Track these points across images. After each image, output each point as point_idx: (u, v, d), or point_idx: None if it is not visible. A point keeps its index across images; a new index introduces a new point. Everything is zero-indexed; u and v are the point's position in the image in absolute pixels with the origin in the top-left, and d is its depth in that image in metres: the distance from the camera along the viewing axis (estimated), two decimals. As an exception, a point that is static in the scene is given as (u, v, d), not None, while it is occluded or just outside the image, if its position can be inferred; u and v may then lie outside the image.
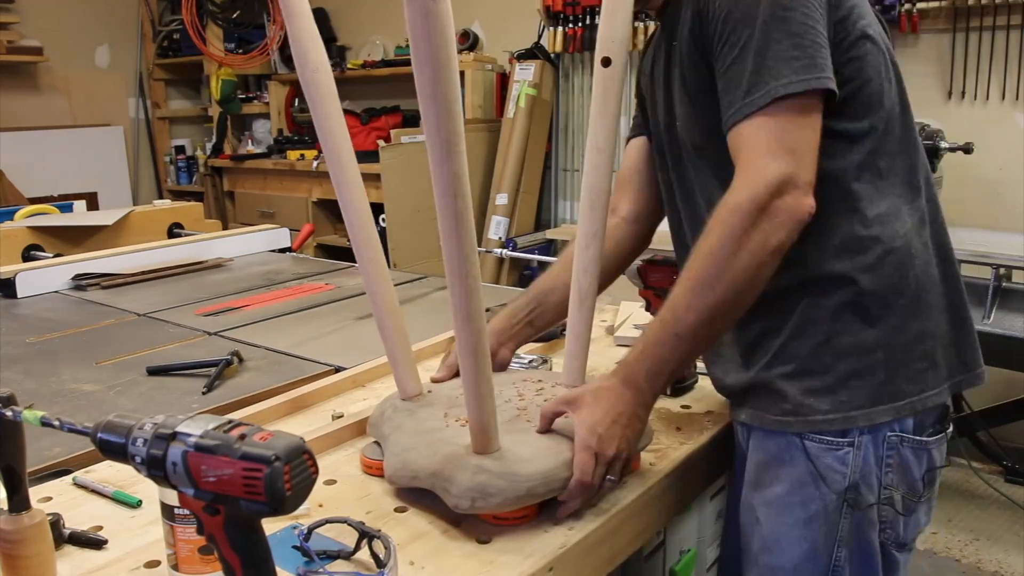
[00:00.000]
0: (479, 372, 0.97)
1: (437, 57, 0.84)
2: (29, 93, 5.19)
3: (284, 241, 2.90)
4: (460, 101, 0.88)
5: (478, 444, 1.01)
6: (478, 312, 0.95)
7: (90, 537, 0.98)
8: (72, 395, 1.48)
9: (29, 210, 2.94)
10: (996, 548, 2.79)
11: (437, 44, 0.84)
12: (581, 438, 1.01)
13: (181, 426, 0.69)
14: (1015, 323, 2.63)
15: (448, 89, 0.86)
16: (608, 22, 1.14)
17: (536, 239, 4.38)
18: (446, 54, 0.85)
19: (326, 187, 4.66)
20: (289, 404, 1.37)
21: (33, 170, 5.05)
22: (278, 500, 0.65)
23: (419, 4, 0.83)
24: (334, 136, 1.12)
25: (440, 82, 0.85)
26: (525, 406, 1.16)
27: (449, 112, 0.87)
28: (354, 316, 1.98)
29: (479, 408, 0.99)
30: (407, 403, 1.20)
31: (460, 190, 0.90)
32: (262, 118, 5.56)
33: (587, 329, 1.23)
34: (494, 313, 1.79)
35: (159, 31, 5.80)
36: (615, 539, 1.07)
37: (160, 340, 1.81)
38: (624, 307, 1.88)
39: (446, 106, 0.86)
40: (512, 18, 4.52)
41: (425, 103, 0.87)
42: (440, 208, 0.91)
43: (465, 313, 0.95)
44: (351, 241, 1.17)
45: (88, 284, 2.31)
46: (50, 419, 0.77)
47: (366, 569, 0.92)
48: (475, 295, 0.94)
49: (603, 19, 1.14)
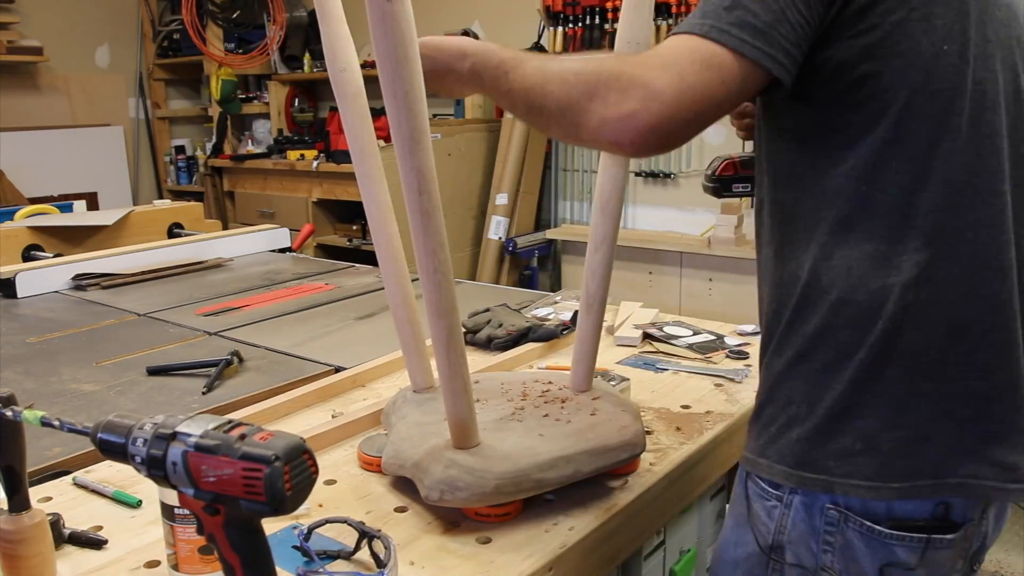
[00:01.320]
0: (453, 367, 0.98)
1: (395, 56, 0.86)
2: (29, 93, 5.19)
3: (284, 241, 2.90)
4: (423, 99, 0.89)
5: (456, 438, 1.02)
6: (450, 307, 0.96)
7: (90, 537, 0.98)
8: (72, 395, 1.48)
9: (29, 210, 2.94)
10: (996, 548, 2.78)
11: (395, 43, 0.86)
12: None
13: (181, 426, 0.69)
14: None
15: (409, 87, 0.88)
16: (627, 22, 1.10)
17: (536, 239, 4.38)
18: (404, 53, 0.87)
19: (326, 187, 4.66)
20: (289, 404, 1.37)
21: (33, 170, 5.04)
22: (278, 500, 0.65)
23: (376, 5, 0.85)
24: (360, 132, 1.16)
25: (400, 80, 0.87)
26: (523, 406, 1.17)
27: (411, 110, 0.88)
28: (354, 316, 1.98)
29: (454, 403, 1.00)
30: (417, 395, 1.22)
31: (426, 186, 0.91)
32: (262, 118, 5.56)
33: (595, 333, 1.23)
34: (494, 312, 1.79)
35: (159, 31, 5.80)
36: (615, 539, 1.07)
37: (160, 340, 1.81)
38: (624, 307, 1.88)
39: (408, 104, 0.88)
40: (512, 18, 4.52)
41: (388, 101, 0.89)
42: (408, 204, 0.92)
43: (436, 308, 0.96)
44: (371, 233, 1.19)
45: (88, 284, 2.31)
46: (50, 419, 0.77)
47: (366, 569, 0.92)
48: (446, 290, 0.95)
49: (622, 20, 1.10)
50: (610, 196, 1.17)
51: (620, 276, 4.06)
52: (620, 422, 1.13)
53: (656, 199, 4.22)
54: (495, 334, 1.69)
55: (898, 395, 0.88)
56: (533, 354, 1.64)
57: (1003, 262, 0.89)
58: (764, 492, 0.96)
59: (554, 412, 1.15)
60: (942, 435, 0.88)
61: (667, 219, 4.18)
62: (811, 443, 0.92)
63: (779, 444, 0.94)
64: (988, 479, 0.89)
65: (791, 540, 0.95)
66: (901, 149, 0.87)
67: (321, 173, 4.57)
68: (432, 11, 4.78)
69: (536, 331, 1.69)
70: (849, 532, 0.91)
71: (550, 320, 1.78)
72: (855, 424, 0.89)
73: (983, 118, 0.87)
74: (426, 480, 1.00)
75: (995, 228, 0.88)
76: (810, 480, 0.91)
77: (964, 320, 0.88)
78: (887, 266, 0.87)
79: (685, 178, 4.10)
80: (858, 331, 0.89)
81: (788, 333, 0.95)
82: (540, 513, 1.04)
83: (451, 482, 0.98)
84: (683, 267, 3.89)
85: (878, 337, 0.88)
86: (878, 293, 0.88)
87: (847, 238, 0.89)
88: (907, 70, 0.85)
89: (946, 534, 0.90)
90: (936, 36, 0.84)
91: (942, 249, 0.87)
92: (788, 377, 0.94)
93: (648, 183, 4.22)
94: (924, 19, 0.84)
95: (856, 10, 0.84)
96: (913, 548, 0.90)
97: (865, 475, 0.89)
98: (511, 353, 1.61)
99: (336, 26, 1.13)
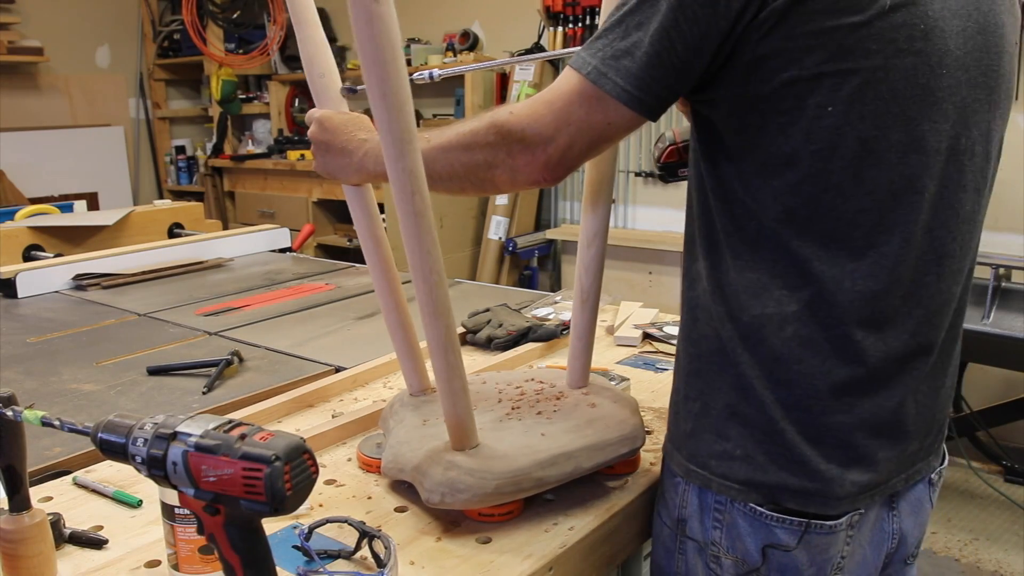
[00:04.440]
0: (450, 368, 0.98)
1: (383, 59, 0.86)
2: (30, 93, 5.19)
3: (284, 241, 2.90)
4: (410, 99, 0.89)
5: (454, 440, 1.02)
6: (445, 308, 0.96)
7: (90, 537, 0.98)
8: (72, 395, 1.48)
9: (30, 210, 2.95)
10: (996, 548, 2.79)
11: (382, 46, 0.86)
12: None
13: (181, 426, 0.69)
14: (1015, 323, 2.64)
15: (396, 89, 0.88)
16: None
17: (536, 239, 4.39)
18: (391, 55, 0.87)
19: (326, 187, 4.66)
20: (289, 404, 1.37)
21: (34, 170, 5.05)
22: (278, 500, 0.65)
23: (362, 8, 0.85)
24: None
25: (388, 82, 0.87)
26: (519, 405, 1.17)
27: (400, 111, 0.88)
28: (354, 316, 1.98)
29: (452, 404, 0.99)
30: (415, 398, 1.22)
31: (417, 187, 0.91)
32: (262, 118, 5.57)
33: (591, 329, 1.23)
34: (494, 312, 1.80)
35: (159, 31, 5.80)
36: (615, 539, 1.07)
37: (160, 340, 1.81)
38: (624, 307, 1.88)
39: (396, 105, 0.88)
40: (512, 18, 4.52)
41: (375, 103, 0.89)
42: (398, 206, 0.92)
43: (431, 309, 0.95)
44: (359, 239, 1.19)
45: (88, 284, 2.31)
46: (51, 419, 0.77)
47: (366, 569, 0.92)
48: (440, 290, 0.95)
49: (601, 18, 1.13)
50: (598, 191, 1.17)
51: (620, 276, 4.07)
52: (619, 417, 1.13)
53: (656, 199, 4.22)
54: (495, 334, 1.69)
55: (773, 418, 0.93)
56: (533, 354, 1.64)
57: (879, 309, 0.90)
58: (671, 470, 1.04)
59: (551, 409, 1.15)
60: (811, 462, 0.92)
61: (667, 219, 4.19)
62: (699, 439, 0.99)
63: (676, 433, 1.03)
64: (847, 498, 0.94)
65: (689, 515, 1.02)
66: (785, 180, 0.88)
67: (321, 173, 4.56)
68: (432, 11, 4.78)
69: (536, 331, 1.70)
70: (735, 512, 0.97)
71: (550, 320, 1.78)
72: (738, 432, 0.95)
73: (865, 175, 0.87)
74: (426, 483, 1.00)
75: (872, 277, 0.89)
76: (694, 473, 0.99)
77: (837, 361, 0.90)
78: (768, 297, 0.91)
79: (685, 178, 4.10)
80: (741, 348, 0.93)
81: (692, 329, 1.00)
82: (540, 513, 1.04)
83: (451, 484, 0.98)
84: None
85: (758, 359, 0.92)
86: (758, 319, 0.92)
87: (738, 263, 0.93)
88: (790, 126, 0.85)
89: (827, 520, 0.94)
90: (821, 97, 0.84)
91: (821, 292, 0.89)
92: (690, 372, 1.01)
93: (648, 183, 4.22)
94: (812, 79, 0.83)
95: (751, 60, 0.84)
96: (792, 531, 0.95)
97: (739, 479, 0.96)
98: (511, 353, 1.62)
99: (312, 31, 1.13)
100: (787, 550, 0.95)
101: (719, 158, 0.92)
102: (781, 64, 0.83)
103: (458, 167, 0.97)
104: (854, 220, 0.88)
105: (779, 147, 0.87)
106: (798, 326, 0.90)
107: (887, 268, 0.89)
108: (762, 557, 0.96)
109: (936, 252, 0.93)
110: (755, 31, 0.83)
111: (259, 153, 5.33)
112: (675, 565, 1.05)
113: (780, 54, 0.83)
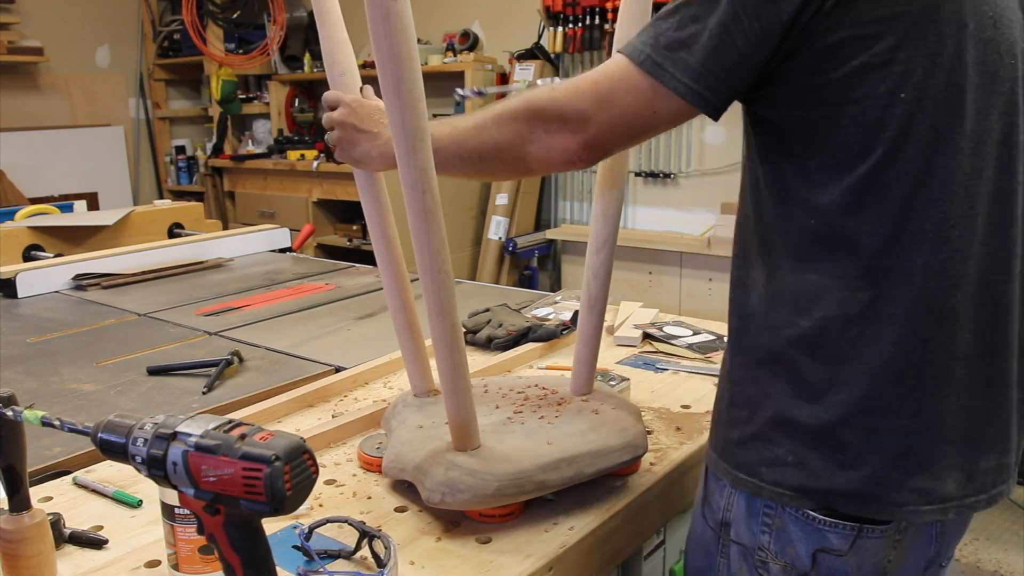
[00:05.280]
0: (455, 368, 0.98)
1: (400, 55, 0.87)
2: (29, 93, 5.19)
3: (284, 241, 2.90)
4: (423, 98, 0.89)
5: (457, 441, 1.02)
6: (451, 306, 0.96)
7: (90, 537, 0.98)
8: (72, 395, 1.48)
9: (30, 210, 2.95)
10: (996, 548, 2.79)
11: (399, 42, 0.86)
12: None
13: (181, 426, 0.69)
14: None
15: (411, 86, 0.88)
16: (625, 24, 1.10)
17: (536, 239, 4.39)
18: (408, 52, 0.87)
19: (326, 187, 4.66)
20: (289, 404, 1.37)
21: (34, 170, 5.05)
22: (278, 500, 0.65)
23: (380, 5, 0.85)
24: None
25: (403, 80, 0.88)
26: (522, 409, 1.17)
27: (414, 108, 0.89)
28: (354, 316, 1.98)
29: (456, 404, 1.00)
30: (418, 399, 1.22)
31: (428, 184, 0.91)
32: (262, 118, 5.57)
33: (597, 335, 1.22)
34: (494, 312, 1.80)
35: (159, 31, 5.80)
36: (615, 539, 1.07)
37: (160, 340, 1.81)
38: (624, 307, 1.88)
39: (410, 103, 0.88)
40: (512, 18, 4.52)
41: (389, 100, 0.89)
42: (409, 203, 0.92)
43: (438, 308, 0.96)
44: (370, 236, 1.19)
45: (88, 284, 2.31)
46: (50, 419, 0.77)
47: (366, 569, 0.92)
48: (447, 289, 0.95)
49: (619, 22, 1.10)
50: (611, 199, 1.17)
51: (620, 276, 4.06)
52: (622, 423, 1.13)
53: (656, 199, 4.22)
54: (495, 334, 1.69)
55: (830, 422, 0.90)
56: (533, 354, 1.64)
57: (948, 306, 0.87)
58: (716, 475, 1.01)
59: (554, 414, 1.15)
60: (868, 466, 0.89)
61: (667, 219, 4.19)
62: (747, 447, 0.95)
63: (723, 441, 0.99)
64: (908, 504, 0.90)
65: (735, 518, 0.99)
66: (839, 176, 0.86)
67: (321, 173, 4.57)
68: (432, 11, 4.78)
69: (536, 331, 1.69)
70: (785, 516, 0.94)
71: (550, 320, 1.78)
72: (789, 438, 0.92)
73: (936, 164, 0.84)
74: (427, 483, 1.00)
75: (942, 274, 0.86)
76: (743, 482, 0.96)
77: (902, 361, 0.87)
78: (830, 299, 0.88)
79: (685, 178, 4.11)
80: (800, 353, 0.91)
81: (743, 337, 0.98)
82: (540, 513, 1.04)
83: (452, 484, 0.98)
84: (683, 267, 3.89)
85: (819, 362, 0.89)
86: (820, 322, 0.89)
87: (798, 265, 0.91)
88: (861, 116, 0.83)
89: (878, 524, 0.92)
90: (892, 83, 0.82)
91: (887, 289, 0.86)
92: (739, 379, 0.98)
93: (648, 183, 4.22)
94: (883, 65, 0.82)
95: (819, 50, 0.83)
96: (845, 536, 0.92)
97: (791, 486, 0.92)
98: (511, 353, 1.62)
99: (335, 30, 1.14)
100: (839, 555, 0.93)
101: (779, 159, 0.90)
102: (851, 52, 0.81)
103: (489, 144, 0.96)
104: (925, 213, 0.84)
105: (850, 137, 0.84)
106: (862, 326, 0.87)
107: (958, 264, 0.86)
108: (812, 562, 0.94)
109: (1007, 250, 0.90)
110: (821, 21, 0.81)
111: (259, 153, 5.32)
112: (716, 568, 1.02)
113: (849, 42, 0.81)
